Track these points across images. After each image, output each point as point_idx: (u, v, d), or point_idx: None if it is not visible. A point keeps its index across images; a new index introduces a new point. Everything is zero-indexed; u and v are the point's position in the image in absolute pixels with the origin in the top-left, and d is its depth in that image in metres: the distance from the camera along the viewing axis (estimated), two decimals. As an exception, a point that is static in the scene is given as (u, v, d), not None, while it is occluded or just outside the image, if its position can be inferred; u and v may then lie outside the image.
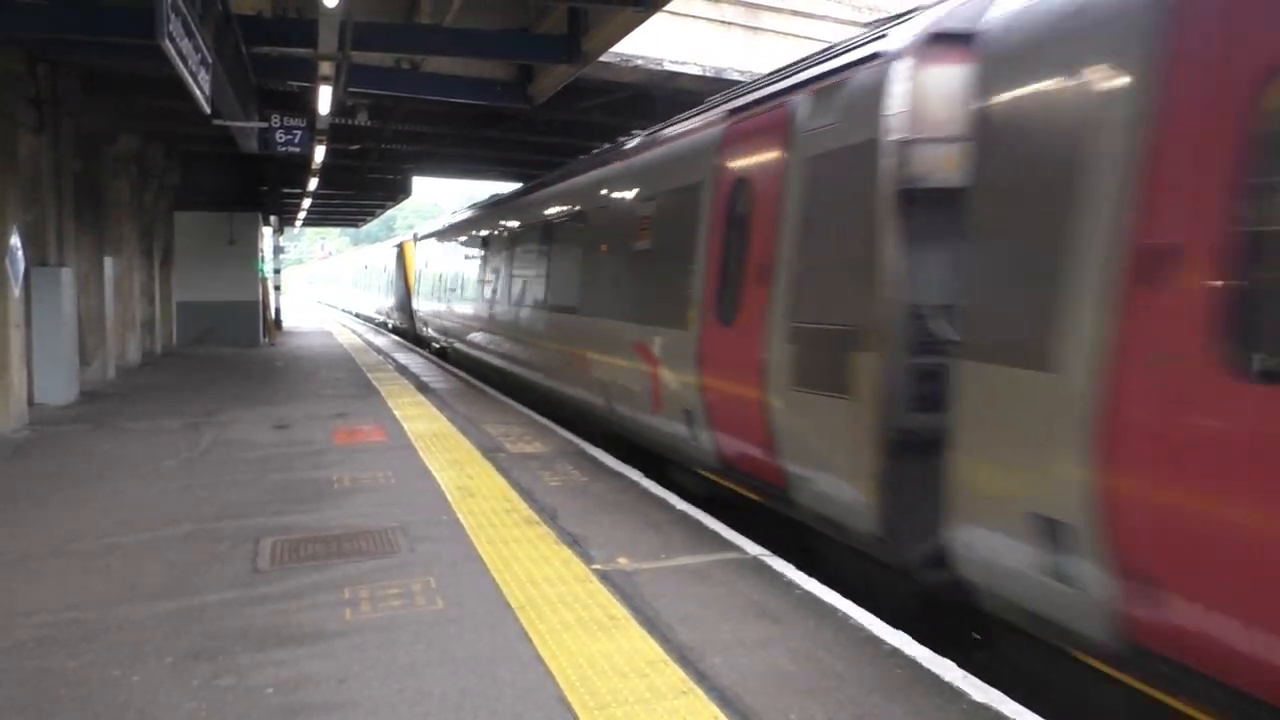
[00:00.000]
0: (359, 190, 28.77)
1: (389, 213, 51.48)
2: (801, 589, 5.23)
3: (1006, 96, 4.46)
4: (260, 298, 26.56)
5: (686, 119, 8.99)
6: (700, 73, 14.34)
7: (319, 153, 16.58)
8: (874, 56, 5.65)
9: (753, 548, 6.04)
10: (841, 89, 5.95)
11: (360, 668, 4.19)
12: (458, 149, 21.71)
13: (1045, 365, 3.96)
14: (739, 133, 7.36)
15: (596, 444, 9.79)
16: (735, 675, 4.11)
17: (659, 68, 14.14)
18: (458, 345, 19.65)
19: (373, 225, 60.04)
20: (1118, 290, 3.66)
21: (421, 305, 25.32)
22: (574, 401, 11.32)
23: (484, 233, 17.17)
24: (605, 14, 10.76)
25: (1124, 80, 3.74)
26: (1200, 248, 3.38)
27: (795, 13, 14.80)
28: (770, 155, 6.73)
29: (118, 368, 16.50)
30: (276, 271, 31.04)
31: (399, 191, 29.68)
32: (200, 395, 13.97)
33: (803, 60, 7.03)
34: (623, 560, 5.74)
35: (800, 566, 5.69)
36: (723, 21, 14.50)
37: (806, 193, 6.19)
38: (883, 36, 5.74)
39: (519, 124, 17.97)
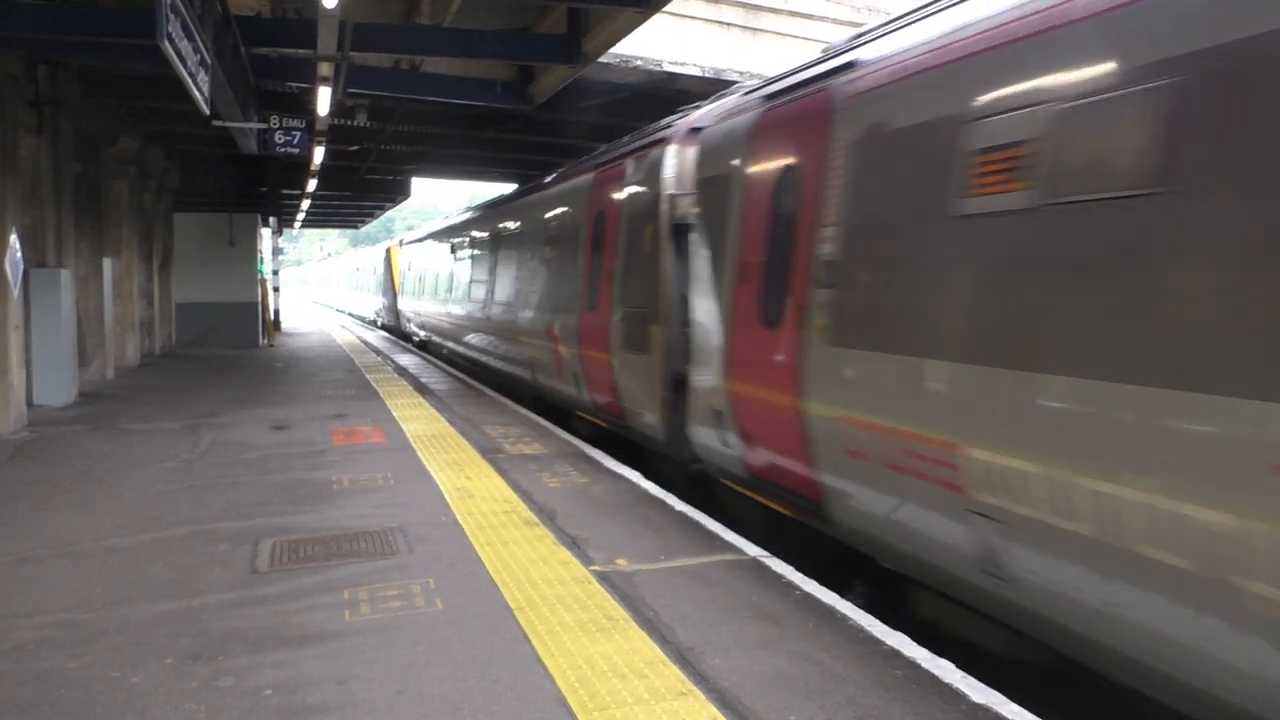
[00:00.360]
0: (358, 191, 28.77)
1: (388, 214, 51.48)
2: (801, 590, 5.23)
3: (704, 168, 8.03)
4: (259, 299, 26.57)
5: (576, 166, 12.86)
6: (699, 73, 14.36)
7: (318, 154, 16.60)
8: (661, 140, 9.05)
9: (752, 549, 6.04)
10: (645, 158, 9.36)
11: (360, 669, 4.19)
12: (457, 150, 21.69)
13: (717, 329, 7.36)
14: (598, 180, 10.90)
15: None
16: (735, 676, 4.11)
17: (658, 68, 14.15)
18: (434, 338, 23.65)
19: (372, 226, 60.12)
20: (733, 285, 7.12)
21: (405, 304, 29.08)
22: (512, 374, 14.94)
23: (451, 241, 20.89)
24: (605, 15, 10.77)
25: (736, 166, 7.27)
26: (757, 265, 6.73)
27: (794, 13, 14.81)
28: (611, 196, 10.23)
29: (117, 369, 16.51)
30: (275, 273, 31.03)
31: (398, 193, 29.67)
32: (199, 396, 13.97)
33: (636, 134, 10.56)
34: (622, 561, 5.74)
35: (799, 567, 5.69)
36: (722, 23, 14.50)
37: (629, 223, 9.58)
38: (670, 126, 9.23)
39: (519, 125, 17.96)
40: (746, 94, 7.75)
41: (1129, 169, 3.71)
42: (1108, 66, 3.87)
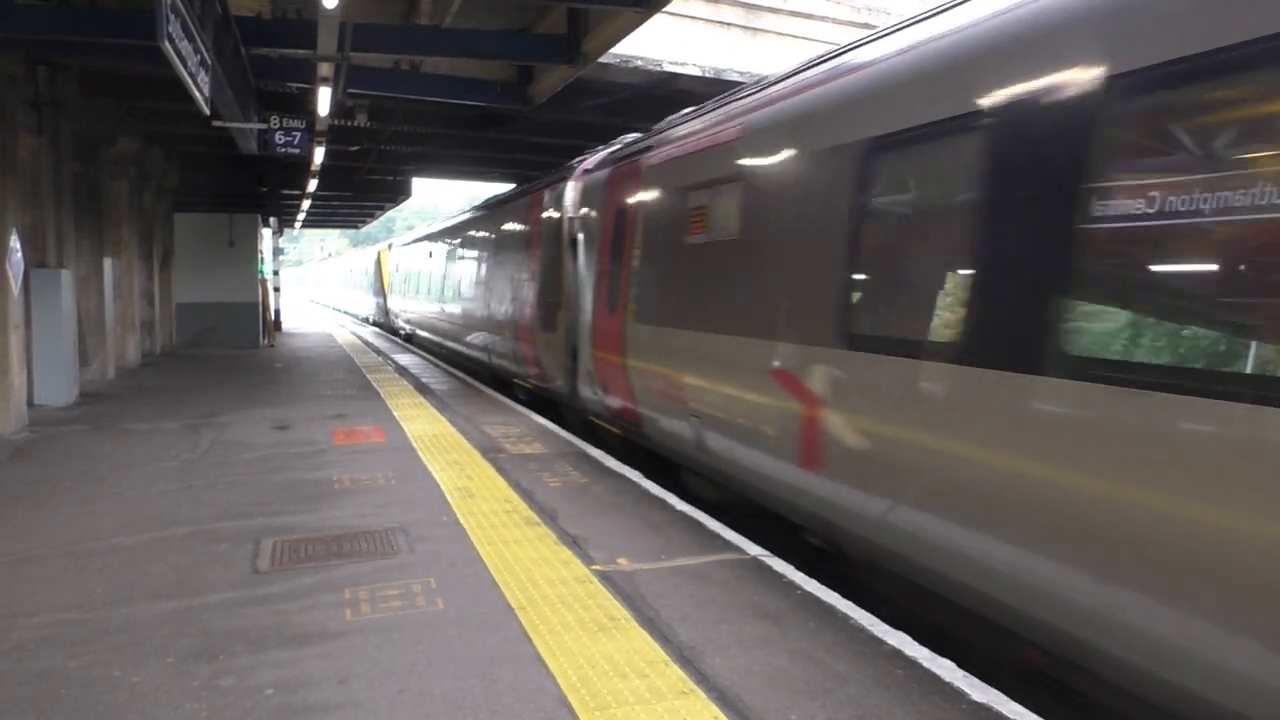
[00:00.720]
0: (358, 192, 28.75)
1: (389, 214, 51.47)
2: (802, 589, 5.24)
3: (583, 201, 11.29)
4: (260, 299, 26.58)
5: (517, 190, 17.18)
6: (699, 74, 14.36)
7: (318, 154, 16.60)
8: (564, 177, 12.35)
9: (753, 548, 6.04)
10: (556, 189, 12.57)
11: (361, 668, 4.20)
12: (457, 150, 21.69)
13: (589, 315, 10.56)
14: (529, 203, 14.11)
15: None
16: (736, 675, 4.11)
17: (658, 69, 14.15)
18: (419, 331, 26.25)
19: (373, 226, 60.08)
20: (595, 285, 10.39)
21: (393, 302, 32.26)
22: (474, 357, 18.34)
23: (429, 247, 24.07)
24: (605, 15, 10.77)
25: (598, 202, 10.62)
26: (609, 272, 9.83)
27: (794, 13, 14.81)
28: (536, 216, 13.47)
29: (117, 369, 16.50)
30: (276, 273, 31.04)
31: (399, 193, 29.67)
32: (200, 396, 13.97)
33: (554, 170, 14.00)
34: (623, 561, 5.75)
35: (799, 567, 5.70)
36: (722, 23, 14.51)
37: (546, 237, 12.76)
38: (572, 167, 12.43)
39: (519, 125, 17.95)
40: (614, 150, 11.21)
41: (731, 224, 7.10)
42: (717, 174, 7.43)
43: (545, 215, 13.00)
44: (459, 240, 19.91)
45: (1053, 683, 4.48)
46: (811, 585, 5.31)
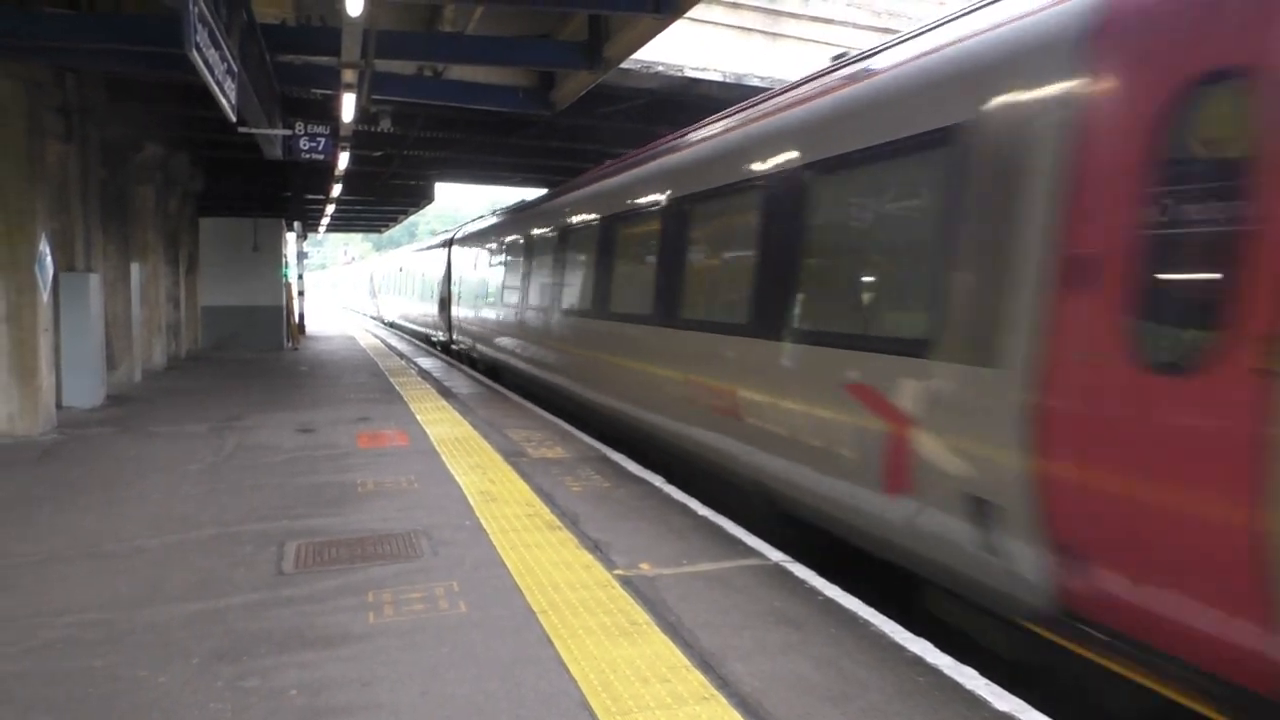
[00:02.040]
0: (382, 196, 28.91)
1: (411, 218, 51.70)
2: (823, 595, 5.23)
3: (456, 254, 24.36)
4: (284, 302, 26.78)
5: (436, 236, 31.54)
6: (721, 79, 14.35)
7: (342, 159, 16.69)
8: (450, 238, 26.33)
9: (774, 554, 6.04)
10: (447, 243, 25.86)
11: (384, 670, 4.22)
12: (480, 155, 21.77)
13: (455, 308, 23.75)
14: (448, 243, 25.42)
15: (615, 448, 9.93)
16: (757, 682, 4.11)
17: (679, 74, 14.16)
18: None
19: (395, 230, 60.32)
20: (454, 297, 24.38)
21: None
22: (422, 333, 29.58)
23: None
24: (626, 21, 10.78)
25: (453, 254, 24.93)
26: (453, 294, 24.50)
27: (815, 18, 14.79)
28: (447, 258, 25.51)
29: (143, 371, 16.66)
30: (300, 277, 31.24)
31: (421, 197, 29.79)
32: (224, 399, 14.08)
33: (451, 228, 28.02)
34: (645, 565, 5.75)
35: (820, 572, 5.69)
36: (743, 28, 14.50)
37: (445, 272, 25.38)
38: (458, 229, 25.44)
39: (541, 130, 18.02)
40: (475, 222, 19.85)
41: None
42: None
43: (446, 258, 26.84)
44: (407, 265, 19.63)
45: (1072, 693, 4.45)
46: (833, 591, 5.30)
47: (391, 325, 42.91)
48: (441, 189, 31.90)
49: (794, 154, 6.70)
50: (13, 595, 5.32)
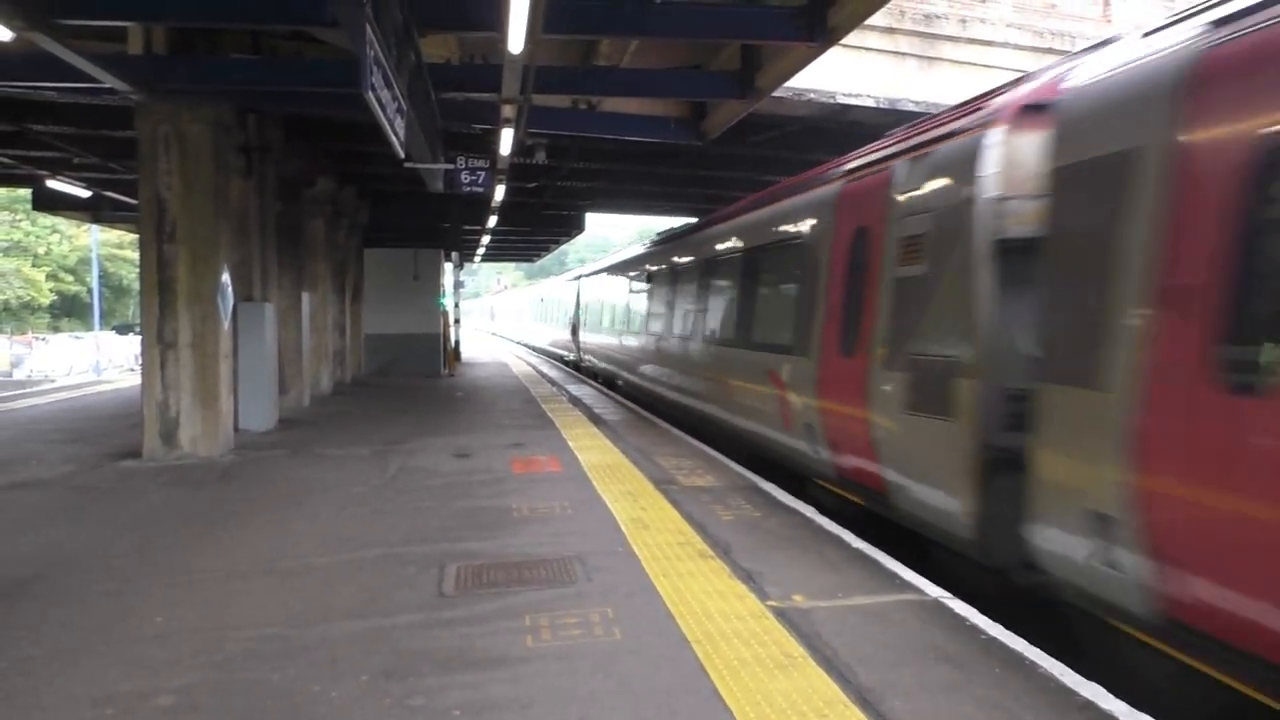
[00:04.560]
0: (535, 226, 29.65)
1: (561, 247, 52.83)
2: (986, 634, 5.06)
3: None
4: (441, 330, 27.70)
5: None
6: (874, 105, 14.19)
7: (499, 191, 17.20)
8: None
9: (933, 589, 5.88)
10: None
11: (542, 694, 4.30)
12: (630, 185, 22.11)
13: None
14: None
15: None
16: (918, 721, 4.00)
17: (831, 100, 14.05)
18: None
19: (547, 259, 61.71)
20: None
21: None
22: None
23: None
24: (779, 50, 10.80)
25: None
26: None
27: (973, 41, 14.48)
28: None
29: (311, 396, 17.48)
30: (456, 305, 32.27)
31: (573, 227, 30.40)
32: (386, 424, 14.64)
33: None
34: (798, 597, 5.69)
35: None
36: (897, 53, 14.31)
37: None
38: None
39: (690, 159, 18.17)
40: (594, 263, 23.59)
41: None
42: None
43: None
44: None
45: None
46: (996, 630, 5.12)
47: (533, 349, 47.35)
48: (591, 219, 32.54)
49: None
50: (198, 609, 5.65)
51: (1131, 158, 4.75)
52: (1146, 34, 5.28)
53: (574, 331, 31.09)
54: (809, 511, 8.14)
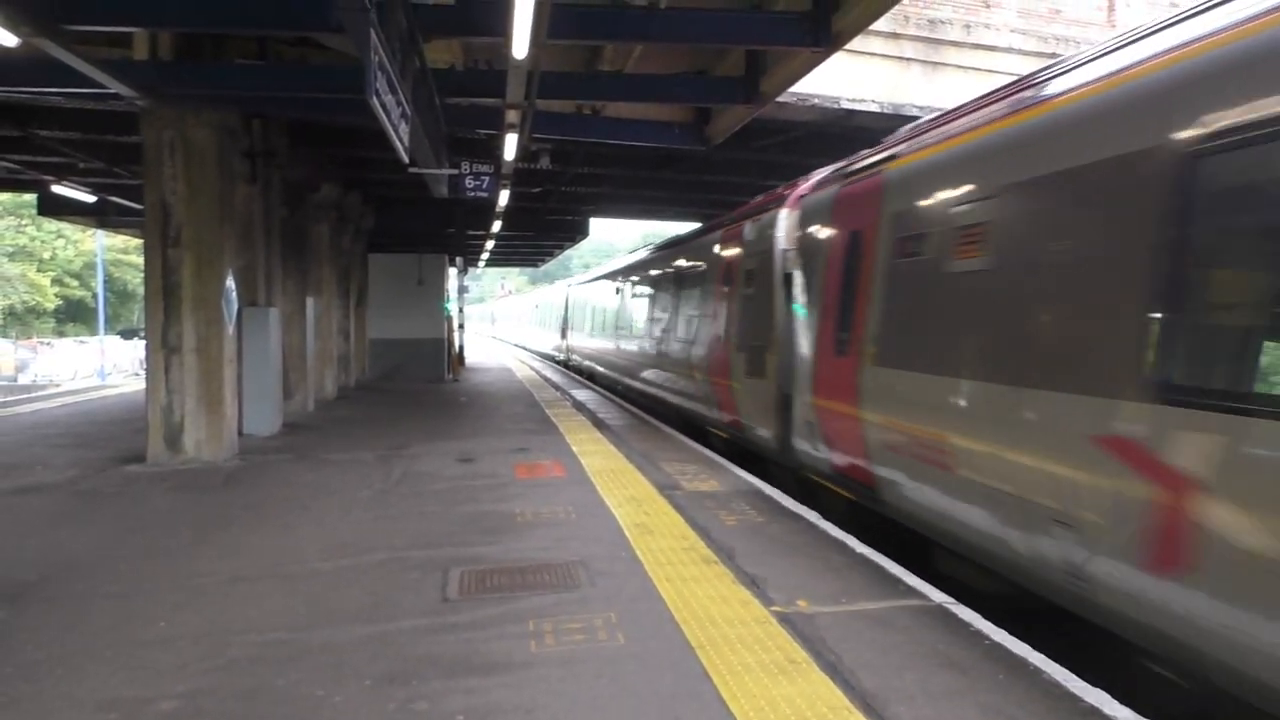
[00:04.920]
0: (539, 231, 29.69)
1: (566, 252, 52.89)
2: (990, 640, 5.05)
3: None
4: (445, 335, 27.73)
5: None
6: (878, 110, 14.19)
7: (503, 196, 17.22)
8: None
9: (937, 595, 5.87)
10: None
11: (546, 699, 4.29)
12: (634, 190, 22.12)
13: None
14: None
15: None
16: (922, 727, 4.00)
17: (835, 106, 14.06)
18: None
19: (551, 264, 61.80)
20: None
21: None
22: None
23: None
24: (783, 55, 10.81)
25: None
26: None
27: (977, 46, 14.48)
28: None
29: (316, 401, 17.49)
30: (460, 310, 32.30)
31: (577, 232, 30.43)
32: (391, 429, 14.65)
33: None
34: (802, 603, 5.68)
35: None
36: (901, 58, 14.31)
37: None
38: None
39: (694, 164, 18.19)
40: (578, 276, 28.31)
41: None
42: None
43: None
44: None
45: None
46: (1000, 635, 5.11)
47: (528, 350, 53.49)
48: (596, 224, 32.57)
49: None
50: (202, 613, 5.66)
51: (808, 241, 9.77)
52: (831, 171, 10.07)
53: (563, 334, 37.14)
54: (812, 516, 8.14)
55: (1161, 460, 4.28)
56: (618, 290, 23.30)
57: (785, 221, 10.57)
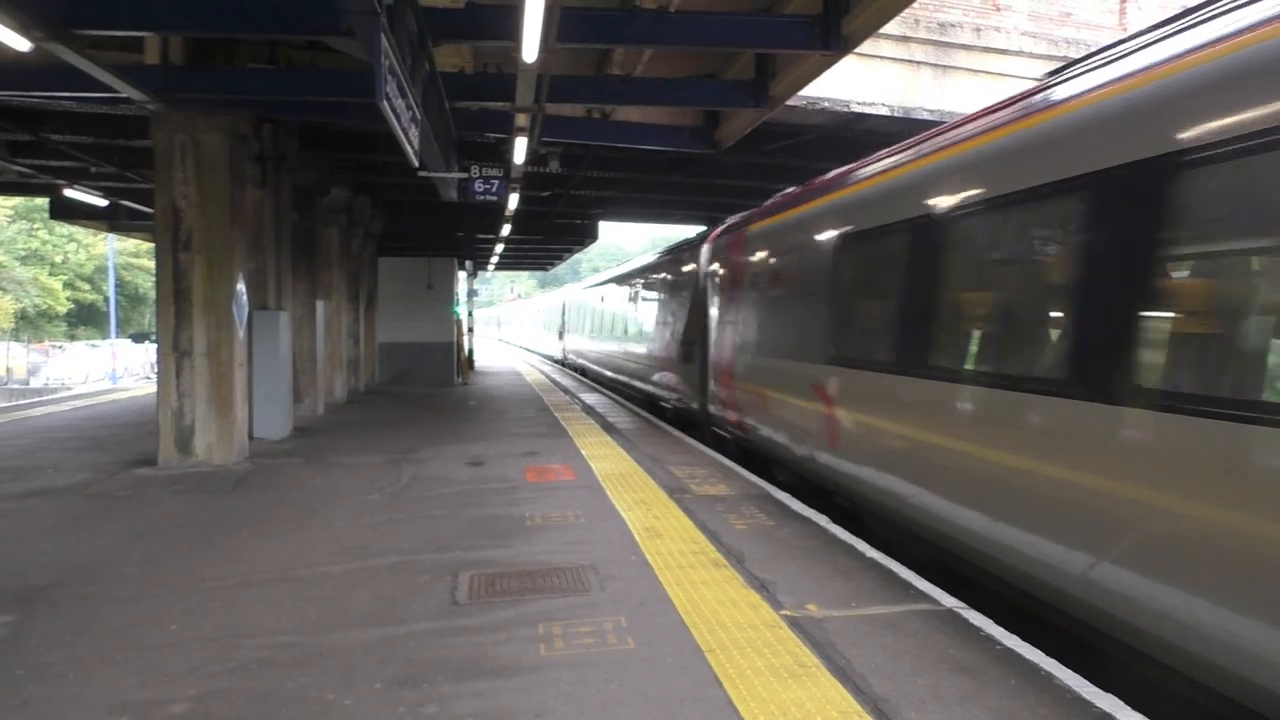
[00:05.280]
0: (548, 235, 29.66)
1: (575, 256, 52.90)
2: (1001, 645, 5.03)
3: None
4: (455, 339, 27.77)
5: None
6: (888, 113, 14.18)
7: (513, 200, 17.24)
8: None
9: (947, 599, 5.85)
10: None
11: (556, 703, 4.29)
12: (643, 194, 22.10)
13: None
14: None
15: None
16: (933, 732, 3.98)
17: (845, 109, 14.06)
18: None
19: (560, 268, 61.87)
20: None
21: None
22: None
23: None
24: (793, 59, 10.81)
25: None
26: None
27: (988, 49, 14.45)
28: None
29: (325, 405, 17.53)
30: (470, 314, 32.33)
31: (586, 235, 30.39)
32: (400, 432, 14.67)
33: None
34: (812, 607, 5.67)
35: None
36: (911, 61, 14.30)
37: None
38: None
39: (704, 167, 18.18)
40: (573, 285, 36.95)
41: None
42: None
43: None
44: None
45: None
46: (1012, 641, 5.09)
47: (530, 350, 57.73)
48: (605, 227, 32.55)
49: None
50: (213, 617, 5.67)
51: (711, 270, 14.17)
52: (731, 221, 14.20)
53: (560, 336, 41.76)
54: (823, 520, 8.12)
55: (827, 391, 8.78)
56: (602, 299, 28.17)
57: (704, 255, 14.79)
